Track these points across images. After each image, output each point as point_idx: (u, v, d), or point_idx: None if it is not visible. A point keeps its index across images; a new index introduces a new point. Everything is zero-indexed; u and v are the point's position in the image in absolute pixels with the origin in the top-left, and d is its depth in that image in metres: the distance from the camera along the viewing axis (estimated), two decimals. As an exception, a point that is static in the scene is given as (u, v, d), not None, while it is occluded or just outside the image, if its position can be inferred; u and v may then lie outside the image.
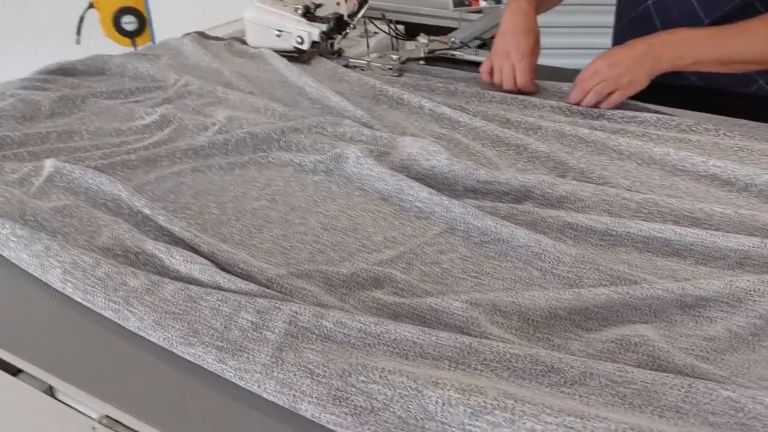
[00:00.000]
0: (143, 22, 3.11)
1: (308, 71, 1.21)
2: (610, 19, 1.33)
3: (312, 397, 0.51)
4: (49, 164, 0.84)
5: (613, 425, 0.46)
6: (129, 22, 3.38)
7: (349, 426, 0.50)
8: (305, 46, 1.30)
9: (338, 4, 1.38)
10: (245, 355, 0.55)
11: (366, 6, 1.43)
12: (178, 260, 0.66)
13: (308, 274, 0.66)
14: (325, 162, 0.89)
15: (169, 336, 0.58)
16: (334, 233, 0.76)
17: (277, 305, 0.59)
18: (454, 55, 1.38)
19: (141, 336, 0.60)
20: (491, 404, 0.48)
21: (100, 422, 0.54)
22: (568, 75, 1.15)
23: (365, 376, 0.52)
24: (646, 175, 0.88)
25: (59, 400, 0.58)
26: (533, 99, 1.10)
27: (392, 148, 0.90)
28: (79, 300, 0.64)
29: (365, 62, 1.30)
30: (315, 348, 0.55)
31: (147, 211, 0.75)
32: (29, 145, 0.92)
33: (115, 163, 0.87)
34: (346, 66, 1.28)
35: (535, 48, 1.15)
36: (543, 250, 0.71)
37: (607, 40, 1.33)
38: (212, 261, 0.67)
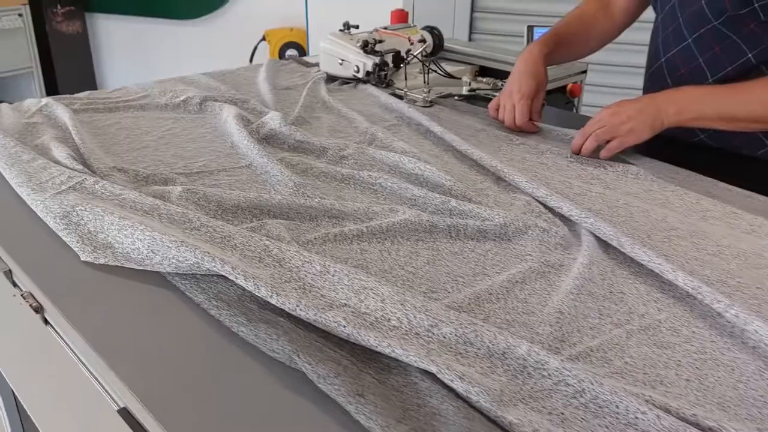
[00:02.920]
0: (303, 55, 3.74)
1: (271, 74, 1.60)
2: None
3: (53, 213, 0.88)
4: (45, 100, 1.31)
5: (176, 241, 0.78)
6: (291, 55, 4.13)
7: (62, 230, 0.86)
8: (360, 75, 1.53)
9: (412, 44, 1.56)
10: (43, 194, 0.93)
11: (424, 47, 1.56)
12: (57, 152, 1.07)
13: (125, 170, 1.03)
14: (212, 121, 1.27)
15: (18, 182, 0.98)
16: (176, 158, 1.12)
17: (81, 176, 0.97)
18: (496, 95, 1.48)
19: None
20: (129, 225, 0.82)
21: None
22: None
23: (83, 208, 0.88)
24: (440, 154, 1.15)
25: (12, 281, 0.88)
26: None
27: (259, 117, 1.26)
28: (-4, 163, 1.07)
29: (403, 92, 1.47)
30: (76, 195, 0.92)
31: (71, 130, 1.17)
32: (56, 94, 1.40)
33: (89, 109, 1.32)
34: (391, 94, 1.47)
35: (539, 92, 1.24)
36: (284, 179, 1.02)
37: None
38: (81, 158, 1.07)
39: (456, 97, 1.49)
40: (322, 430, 0.57)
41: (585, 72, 1.82)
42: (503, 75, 1.58)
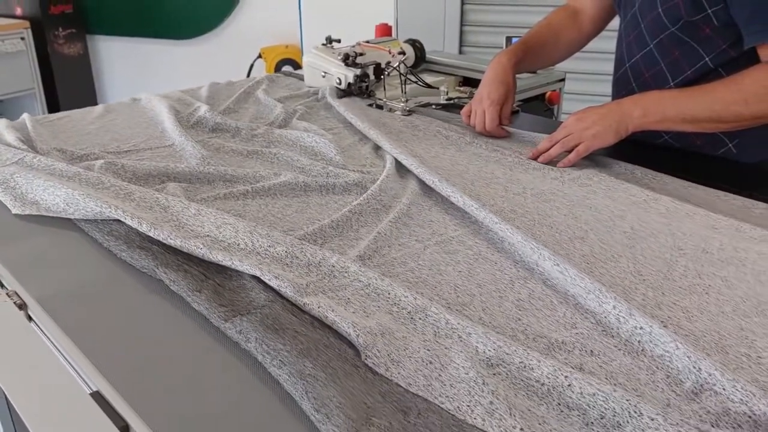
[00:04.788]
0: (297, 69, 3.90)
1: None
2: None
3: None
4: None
5: (83, 195, 0.95)
6: (286, 71, 4.31)
7: (1, 194, 1.04)
8: (342, 86, 1.57)
9: (392, 56, 1.61)
10: (-12, 167, 1.12)
11: (403, 59, 1.60)
12: (9, 137, 1.25)
13: (64, 150, 1.22)
14: (151, 113, 1.45)
15: (-30, 160, 1.17)
16: (112, 141, 1.30)
17: (24, 154, 1.15)
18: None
19: None
20: (51, 185, 1.00)
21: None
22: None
23: (19, 175, 1.06)
24: (340, 131, 1.33)
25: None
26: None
27: (190, 108, 1.44)
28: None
29: (383, 102, 1.52)
30: (16, 167, 1.10)
31: (26, 121, 1.36)
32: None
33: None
34: (370, 105, 1.53)
35: (508, 98, 1.29)
36: (196, 154, 1.19)
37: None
38: (30, 142, 1.25)
39: (434, 106, 1.53)
40: (270, 410, 0.62)
41: (563, 80, 1.86)
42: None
